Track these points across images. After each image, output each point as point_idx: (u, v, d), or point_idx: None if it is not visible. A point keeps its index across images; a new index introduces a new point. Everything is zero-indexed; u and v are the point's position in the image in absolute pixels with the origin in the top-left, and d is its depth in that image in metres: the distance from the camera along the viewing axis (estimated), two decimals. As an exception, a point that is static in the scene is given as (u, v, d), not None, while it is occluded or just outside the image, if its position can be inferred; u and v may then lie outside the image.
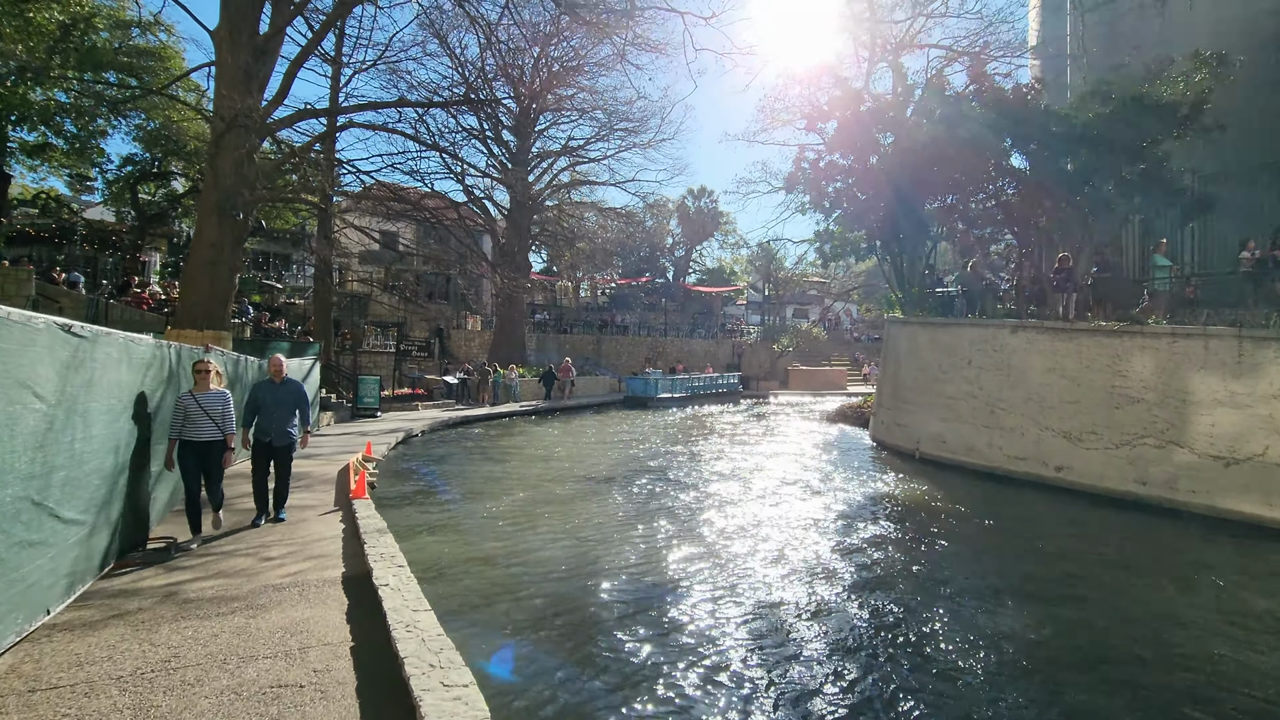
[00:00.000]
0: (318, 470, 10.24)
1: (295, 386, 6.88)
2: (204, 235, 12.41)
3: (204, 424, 5.84)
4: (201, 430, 5.84)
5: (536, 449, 15.50)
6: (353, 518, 6.76)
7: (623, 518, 8.95)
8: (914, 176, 15.21)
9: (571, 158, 31.94)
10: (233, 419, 6.07)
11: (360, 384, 18.96)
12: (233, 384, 9.98)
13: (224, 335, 12.54)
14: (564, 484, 11.27)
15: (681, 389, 31.03)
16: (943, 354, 14.10)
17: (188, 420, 5.79)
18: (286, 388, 6.79)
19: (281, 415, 6.70)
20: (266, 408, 6.69)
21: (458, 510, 9.28)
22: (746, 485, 11.41)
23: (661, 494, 10.56)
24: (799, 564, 7.13)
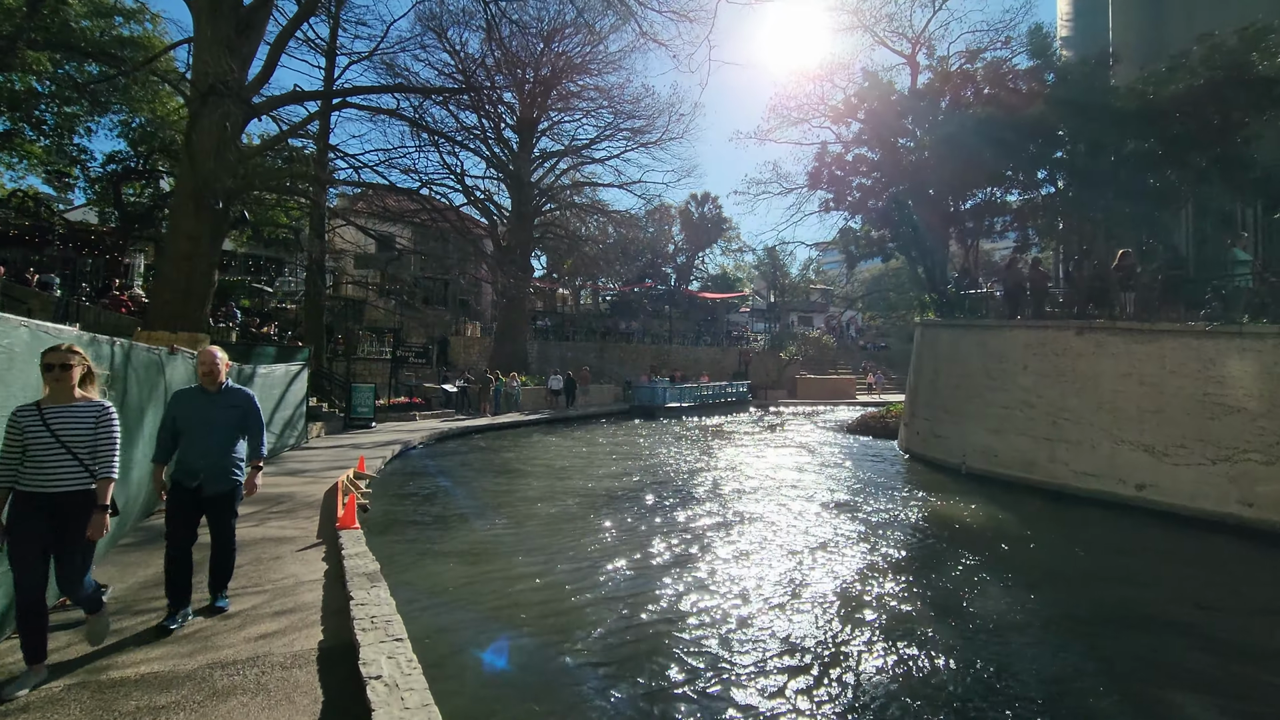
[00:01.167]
0: (302, 491, 8.94)
1: (240, 398, 4.41)
2: (180, 226, 11.15)
3: (56, 462, 3.28)
4: (51, 474, 3.27)
5: (547, 462, 14.21)
6: (339, 556, 5.47)
7: (652, 549, 7.67)
8: (951, 169, 14.07)
9: (575, 158, 30.83)
10: (113, 453, 3.45)
11: (354, 393, 17.65)
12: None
13: (200, 338, 11.23)
14: (581, 504, 9.98)
15: (690, 398, 29.79)
16: (991, 359, 12.90)
17: (27, 455, 3.27)
18: (226, 400, 4.33)
19: (216, 443, 4.21)
20: (193, 431, 4.19)
21: (465, 535, 7.98)
22: (783, 506, 10.13)
23: (694, 517, 9.27)
24: (858, 601, 5.86)
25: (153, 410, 6.61)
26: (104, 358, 4.81)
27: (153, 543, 5.94)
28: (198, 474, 4.15)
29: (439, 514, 9.22)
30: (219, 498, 4.25)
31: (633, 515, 9.30)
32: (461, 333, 32.48)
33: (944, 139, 14.74)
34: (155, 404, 6.69)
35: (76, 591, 3.47)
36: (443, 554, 7.18)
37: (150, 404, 6.53)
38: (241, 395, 4.46)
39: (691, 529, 8.56)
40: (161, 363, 6.92)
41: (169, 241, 11.25)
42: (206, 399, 4.31)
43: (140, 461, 6.21)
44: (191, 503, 4.19)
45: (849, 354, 51.86)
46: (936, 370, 14.87)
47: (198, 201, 11.01)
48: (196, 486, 4.15)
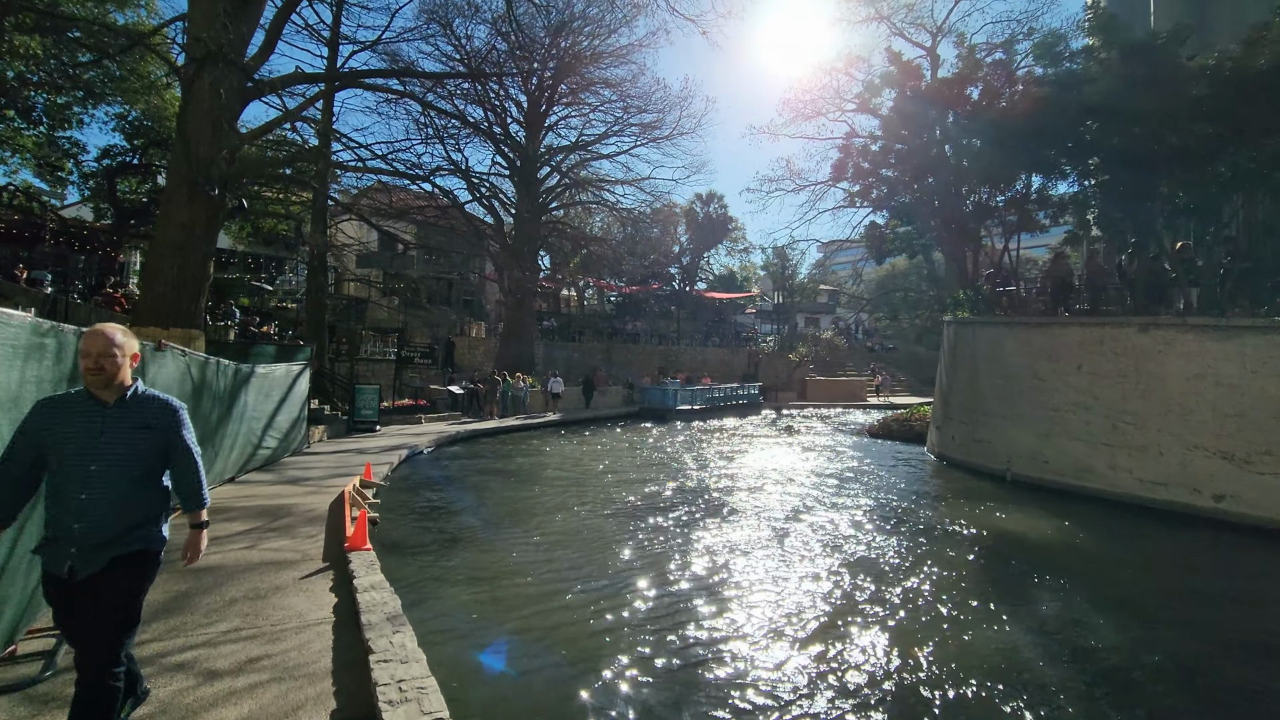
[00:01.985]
0: (304, 502, 8.10)
1: (157, 413, 2.73)
2: (172, 214, 10.32)
3: None
4: None
5: (563, 468, 13.37)
6: (350, 586, 4.64)
7: (687, 566, 6.84)
8: (992, 158, 13.26)
9: (584, 153, 30.02)
10: None
11: (357, 394, 16.82)
12: (198, 396, 7.90)
13: (194, 334, 10.42)
14: (606, 515, 9.15)
15: (702, 400, 28.98)
16: (1039, 358, 12.08)
17: None
18: (131, 415, 2.65)
19: (105, 491, 2.55)
20: (68, 469, 2.55)
21: (484, 552, 7.15)
22: (828, 519, 9.31)
23: (729, 531, 8.44)
24: (943, 636, 5.03)
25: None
26: (63, 349, 3.97)
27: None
28: (74, 538, 2.47)
29: (454, 527, 8.38)
30: (111, 579, 2.52)
31: (664, 529, 8.47)
32: (466, 333, 31.67)
33: (984, 126, 13.94)
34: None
35: None
36: (461, 574, 6.35)
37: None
38: (159, 409, 2.74)
39: (728, 545, 7.73)
40: (144, 359, 6.10)
41: (160, 231, 10.43)
42: (95, 414, 2.58)
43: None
44: (63, 593, 2.54)
45: (857, 356, 51.09)
46: (975, 371, 14.04)
47: (191, 187, 10.19)
48: (68, 569, 2.47)
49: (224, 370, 9.01)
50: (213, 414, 8.45)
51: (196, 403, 7.73)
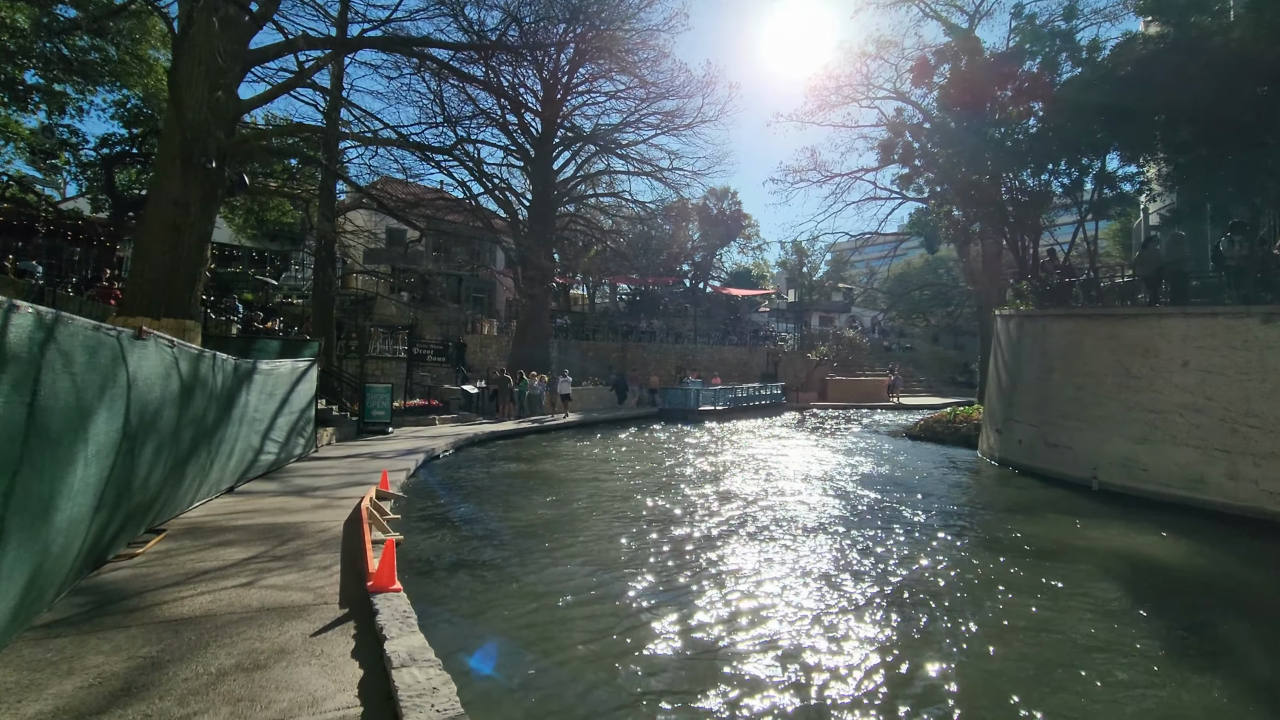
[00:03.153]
0: (313, 520, 6.89)
1: None
2: (164, 191, 9.14)
3: None
4: None
5: (594, 475, 12.13)
6: (381, 652, 3.41)
7: (764, 595, 5.60)
8: (1074, 130, 11.97)
9: (600, 143, 28.78)
10: None
11: (368, 394, 15.63)
12: (190, 395, 6.70)
13: (189, 325, 9.24)
14: (652, 528, 7.91)
15: (724, 401, 27.74)
16: (1132, 354, 10.79)
17: None
18: None
19: None
20: None
21: (526, 582, 5.92)
22: (911, 539, 8.06)
23: (805, 553, 7.20)
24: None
25: (105, 415, 4.60)
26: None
27: (93, 620, 3.90)
28: None
29: (487, 548, 7.16)
30: None
31: (727, 550, 7.23)
32: (478, 331, 30.51)
33: (1053, 101, 12.67)
34: (109, 406, 4.68)
35: None
36: (506, 611, 5.13)
37: (101, 405, 4.51)
38: None
39: (806, 570, 6.49)
40: (120, 347, 4.90)
41: (151, 209, 9.24)
42: None
43: (80, 492, 4.20)
44: None
45: (874, 355, 49.73)
46: (1047, 368, 12.75)
47: (185, 159, 9.00)
48: None
49: (222, 365, 7.81)
50: (207, 415, 7.25)
51: (187, 401, 6.53)
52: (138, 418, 5.35)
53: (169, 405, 6.12)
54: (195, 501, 7.31)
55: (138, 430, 5.36)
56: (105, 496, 4.73)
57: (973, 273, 25.91)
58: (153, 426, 5.73)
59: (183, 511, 6.87)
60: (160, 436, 5.90)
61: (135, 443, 5.31)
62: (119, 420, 4.90)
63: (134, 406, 5.27)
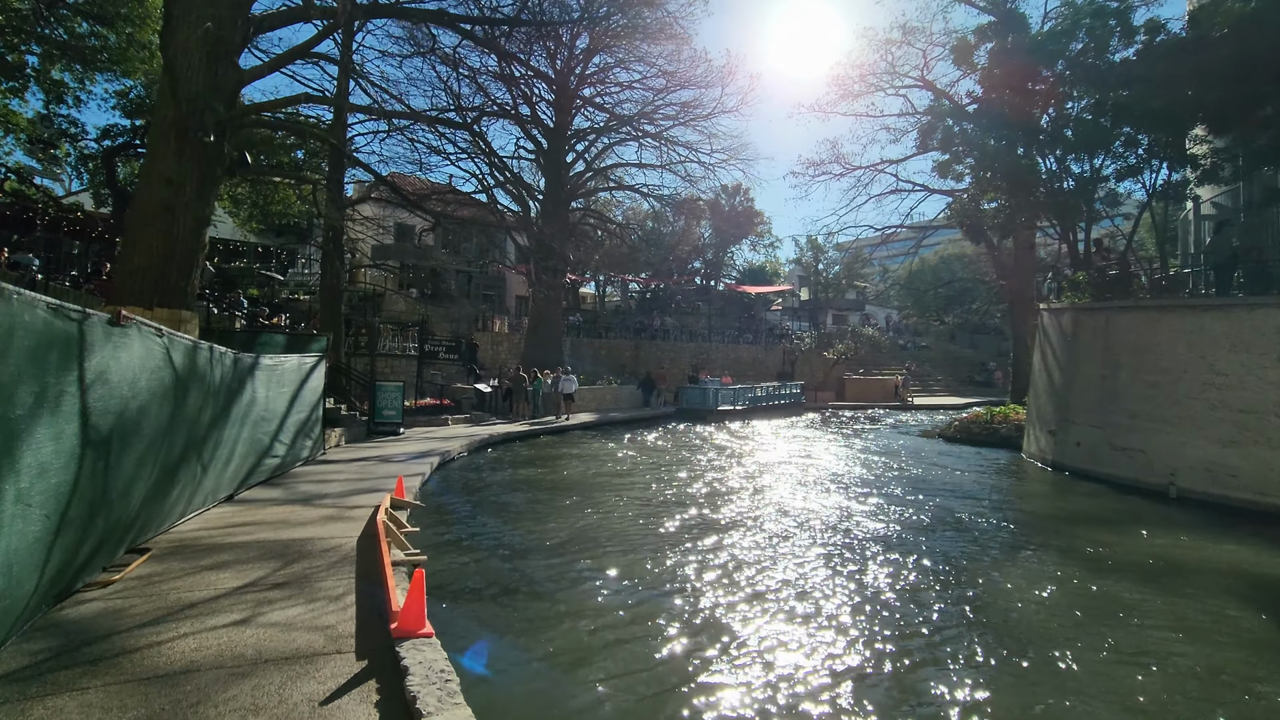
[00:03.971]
0: (322, 535, 6.02)
1: None
2: (156, 167, 8.30)
3: None
4: None
5: (623, 478, 11.22)
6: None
7: (832, 626, 4.70)
8: (1161, 99, 11.01)
9: (616, 134, 27.89)
10: None
11: (378, 392, 14.79)
12: (183, 392, 5.85)
13: (185, 316, 8.40)
14: (697, 540, 7.02)
15: (743, 400, 26.84)
16: (1216, 348, 9.83)
17: None
18: None
19: None
20: None
21: (570, 607, 5.04)
22: (982, 563, 7.14)
23: (873, 576, 6.29)
24: None
25: (64, 415, 3.74)
26: None
27: (43, 676, 3.03)
28: None
29: (521, 569, 6.28)
30: None
31: (783, 567, 6.33)
32: (490, 328, 29.68)
33: (1112, 80, 11.71)
34: (71, 405, 3.83)
35: None
36: (553, 653, 4.25)
37: (46, 406, 3.61)
38: None
39: (879, 593, 5.58)
40: (82, 336, 4.03)
41: (142, 189, 8.40)
42: None
43: (29, 511, 3.34)
44: None
45: (889, 354, 48.70)
46: (1112, 365, 11.78)
47: (180, 133, 8.17)
48: None
49: (220, 359, 6.97)
50: (204, 414, 6.40)
51: (180, 399, 5.68)
52: (114, 419, 4.50)
53: (157, 404, 5.26)
54: (189, 513, 6.46)
55: (114, 434, 4.51)
56: (70, 515, 3.87)
57: (1003, 267, 24.90)
58: (135, 429, 4.87)
59: (173, 525, 6.02)
60: (145, 440, 5.05)
61: (111, 448, 4.45)
62: (86, 422, 4.05)
63: (109, 405, 4.42)
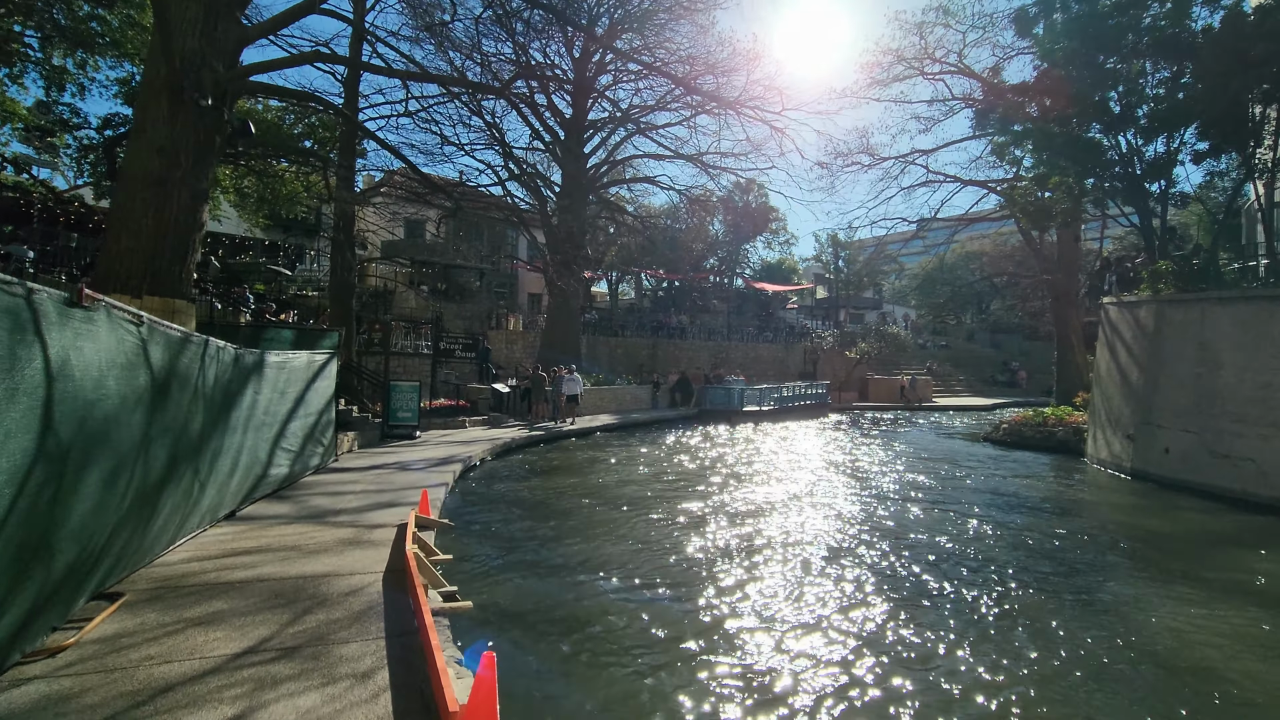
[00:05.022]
0: (340, 566, 4.92)
1: None
2: (147, 135, 7.23)
3: None
4: None
5: (665, 485, 10.08)
6: None
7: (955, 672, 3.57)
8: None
9: (636, 125, 26.78)
10: None
11: (393, 393, 13.73)
12: (169, 393, 4.78)
13: (179, 306, 7.33)
14: (769, 558, 5.90)
15: (769, 400, 25.68)
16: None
17: None
18: None
19: None
20: None
21: (657, 660, 3.94)
22: (1124, 600, 5.99)
23: (981, 596, 5.15)
24: None
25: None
26: None
27: None
28: None
29: (578, 607, 5.17)
30: None
31: (881, 591, 5.20)
32: (503, 326, 28.62)
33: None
34: (7, 401, 2.74)
35: None
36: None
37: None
38: None
39: (1013, 645, 4.44)
40: (35, 317, 2.95)
41: (131, 159, 7.33)
42: None
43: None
44: None
45: (909, 354, 47.39)
46: (1212, 363, 10.58)
47: (174, 96, 7.10)
48: None
49: (219, 356, 5.89)
50: (195, 419, 5.33)
51: (162, 402, 4.60)
52: (73, 428, 3.42)
53: (133, 408, 4.18)
54: (179, 538, 5.38)
55: (72, 448, 3.42)
56: (-2, 563, 2.79)
57: (1046, 261, 23.66)
58: (102, 440, 3.79)
59: (158, 556, 4.93)
60: (116, 454, 3.97)
61: (67, 468, 3.37)
62: (25, 434, 2.96)
63: (65, 411, 3.34)
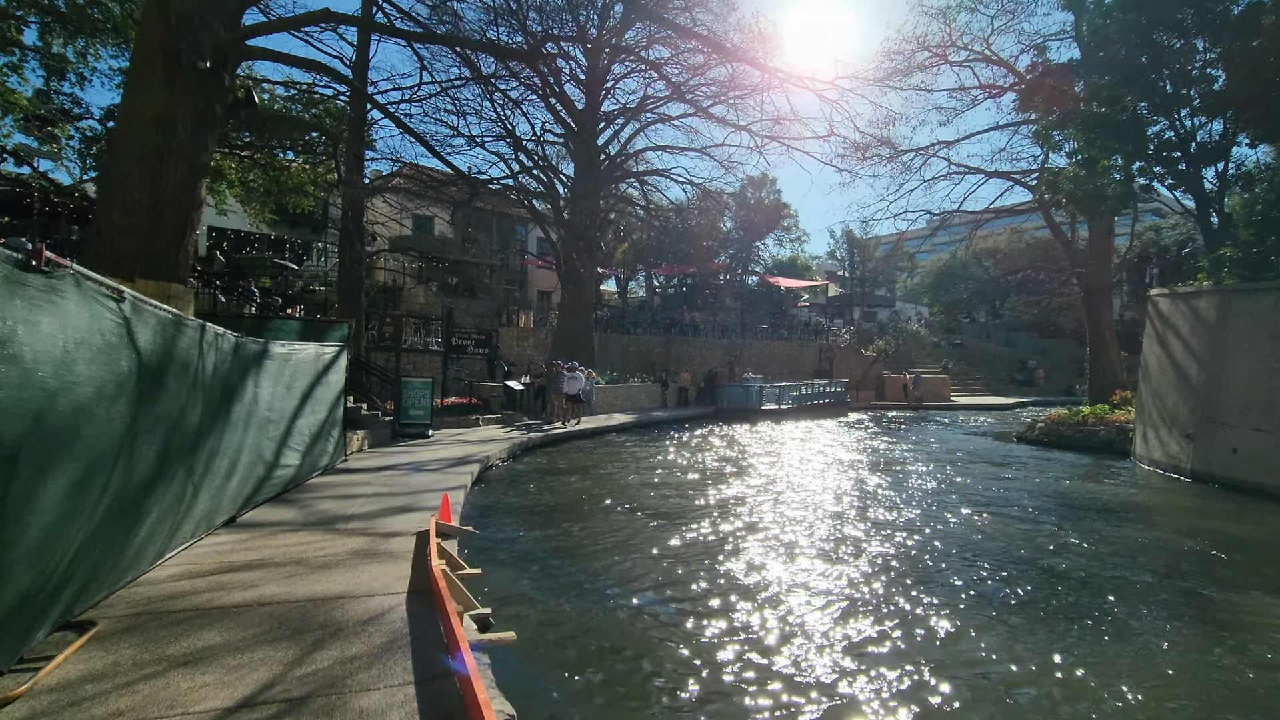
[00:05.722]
0: (354, 585, 4.22)
1: None
2: (140, 103, 6.56)
3: None
4: None
5: (698, 498, 9.37)
6: None
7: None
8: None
9: (650, 114, 26.06)
10: None
11: (405, 390, 13.05)
12: (151, 387, 4.09)
13: (175, 291, 6.65)
14: (850, 579, 5.18)
15: (788, 399, 24.95)
16: None
17: None
18: None
19: None
20: None
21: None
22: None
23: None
24: None
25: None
26: None
27: None
28: None
29: (621, 628, 4.46)
30: None
31: (999, 618, 4.47)
32: (514, 323, 27.96)
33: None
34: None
35: None
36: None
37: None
38: None
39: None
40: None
41: (122, 130, 6.66)
42: None
43: None
44: None
45: (924, 352, 46.57)
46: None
47: (170, 60, 6.42)
48: None
49: (217, 344, 5.21)
50: (190, 414, 4.65)
51: (151, 392, 3.91)
52: (20, 422, 2.73)
53: (112, 397, 3.50)
54: (170, 550, 4.70)
55: (24, 449, 2.74)
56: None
57: (1077, 255, 22.83)
58: (68, 435, 3.10)
59: (142, 573, 4.25)
60: (90, 451, 3.28)
61: (13, 469, 2.69)
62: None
63: (14, 402, 2.66)
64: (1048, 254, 45.43)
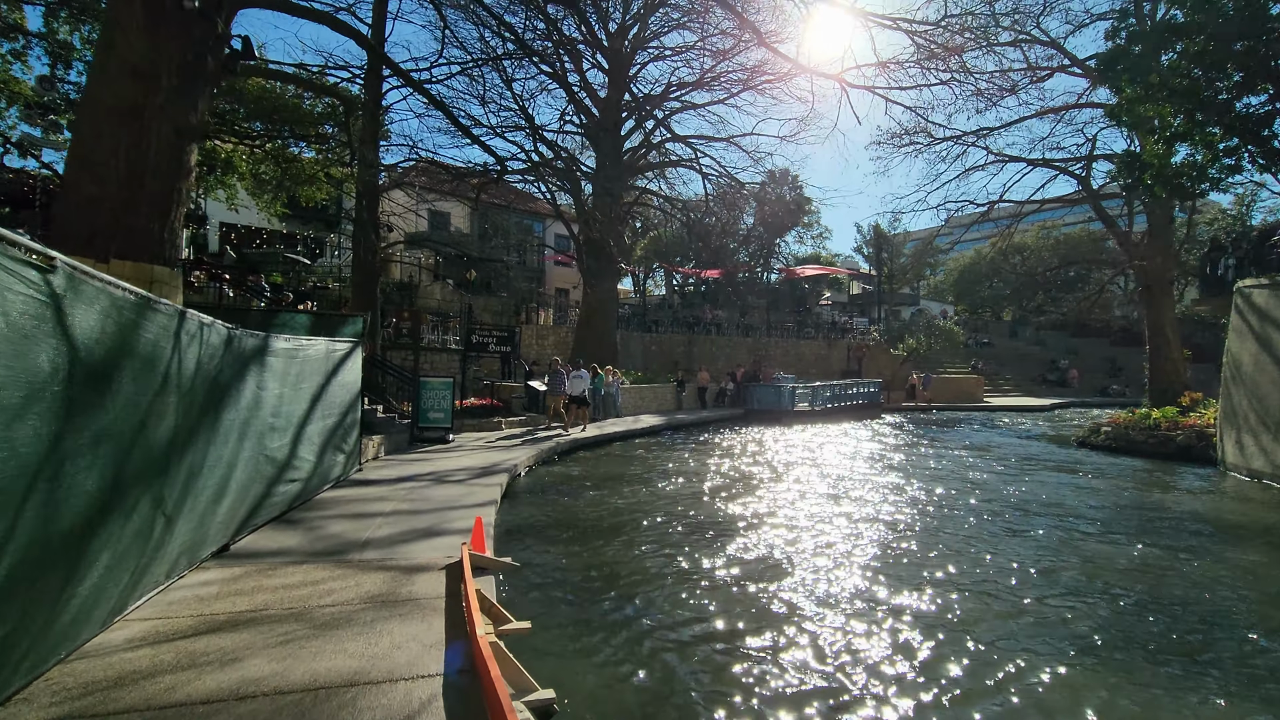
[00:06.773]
0: (373, 660, 3.12)
1: None
2: (117, 52, 5.53)
3: None
4: None
5: (754, 504, 8.20)
6: None
7: None
8: None
9: (675, 102, 24.92)
10: None
11: (424, 391, 12.01)
12: (114, 384, 3.00)
13: (159, 273, 5.61)
14: (940, 615, 4.02)
15: (821, 400, 23.71)
16: None
17: None
18: None
19: None
20: None
21: None
22: None
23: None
24: None
25: None
26: None
27: None
28: None
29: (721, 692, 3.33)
30: None
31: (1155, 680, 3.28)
32: (533, 321, 26.94)
33: None
34: None
35: None
36: None
37: None
38: None
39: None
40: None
41: (95, 83, 5.62)
42: None
43: None
44: None
45: (951, 352, 44.98)
46: None
47: (151, 2, 5.38)
48: None
49: (200, 334, 4.14)
50: (160, 423, 3.58)
51: (95, 397, 2.83)
52: None
53: (22, 404, 2.44)
54: (134, 599, 3.64)
55: None
56: None
57: (1133, 248, 21.38)
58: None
59: (87, 641, 3.18)
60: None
61: None
62: None
63: None
64: (1089, 248, 43.73)
